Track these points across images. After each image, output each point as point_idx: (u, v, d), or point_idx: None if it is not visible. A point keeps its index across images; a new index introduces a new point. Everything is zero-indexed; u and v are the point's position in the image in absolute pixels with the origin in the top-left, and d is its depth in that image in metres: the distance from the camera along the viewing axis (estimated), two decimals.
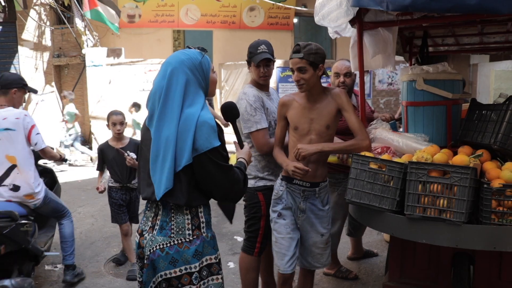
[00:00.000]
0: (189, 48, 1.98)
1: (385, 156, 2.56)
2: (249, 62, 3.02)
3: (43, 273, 4.02)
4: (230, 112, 2.22)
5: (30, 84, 3.79)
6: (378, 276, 3.88)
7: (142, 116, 8.90)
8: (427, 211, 2.24)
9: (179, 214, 1.88)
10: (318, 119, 2.67)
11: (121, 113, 4.06)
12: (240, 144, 2.25)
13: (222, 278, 1.98)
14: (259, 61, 2.92)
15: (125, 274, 3.96)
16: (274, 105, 3.07)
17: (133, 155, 3.81)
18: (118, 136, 4.04)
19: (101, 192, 3.99)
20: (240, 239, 4.79)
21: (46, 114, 10.12)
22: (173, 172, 1.81)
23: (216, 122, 1.89)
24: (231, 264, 4.17)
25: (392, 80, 11.56)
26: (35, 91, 3.88)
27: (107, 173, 4.07)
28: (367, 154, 2.55)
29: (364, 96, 3.05)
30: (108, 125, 4.06)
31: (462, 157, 2.32)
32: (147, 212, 1.99)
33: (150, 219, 1.95)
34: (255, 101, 2.91)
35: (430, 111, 2.91)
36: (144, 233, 1.94)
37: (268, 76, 3.03)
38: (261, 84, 3.05)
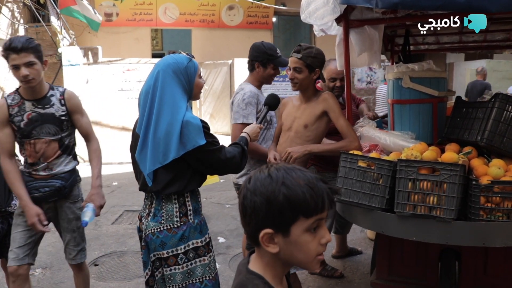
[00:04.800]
0: (180, 53, 2.20)
1: (373, 154, 2.56)
2: (263, 63, 3.05)
3: None
4: (276, 103, 2.66)
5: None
6: (363, 273, 3.89)
7: None
8: (417, 209, 2.24)
9: (169, 203, 2.11)
10: (299, 117, 2.79)
11: None
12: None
13: (209, 258, 2.19)
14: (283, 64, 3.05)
15: (107, 277, 3.89)
16: None
17: None
18: None
19: None
20: (222, 240, 4.72)
21: None
22: (159, 166, 2.04)
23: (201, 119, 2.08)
24: (217, 266, 4.11)
25: (371, 79, 11.65)
26: None
27: None
28: (356, 152, 2.55)
29: (350, 94, 3.05)
30: None
31: (451, 155, 2.33)
32: (145, 200, 2.25)
33: (147, 206, 2.20)
34: (249, 96, 2.97)
35: (416, 108, 2.93)
36: (142, 219, 2.22)
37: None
38: (262, 84, 3.16)
